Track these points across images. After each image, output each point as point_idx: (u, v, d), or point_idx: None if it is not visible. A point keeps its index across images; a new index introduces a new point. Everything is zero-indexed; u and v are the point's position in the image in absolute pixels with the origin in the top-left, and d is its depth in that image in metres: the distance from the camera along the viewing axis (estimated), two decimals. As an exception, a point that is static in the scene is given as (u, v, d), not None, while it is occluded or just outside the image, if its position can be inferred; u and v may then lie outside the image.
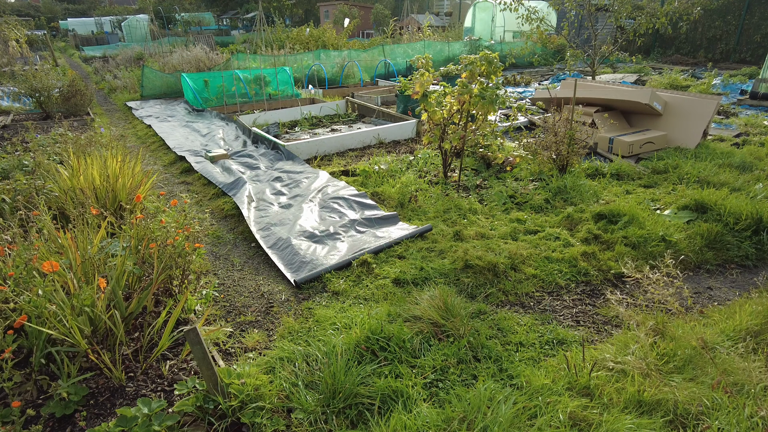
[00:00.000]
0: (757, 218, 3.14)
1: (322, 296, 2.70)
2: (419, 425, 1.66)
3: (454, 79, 5.72)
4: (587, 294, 2.68)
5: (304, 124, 7.08)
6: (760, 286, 2.69)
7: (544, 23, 8.56)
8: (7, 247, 2.25)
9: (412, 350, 2.12)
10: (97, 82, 12.86)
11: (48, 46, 17.08)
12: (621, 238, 3.08)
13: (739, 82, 9.06)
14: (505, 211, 3.69)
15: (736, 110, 7.02)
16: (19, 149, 4.68)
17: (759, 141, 5.26)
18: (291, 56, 11.21)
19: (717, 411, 1.66)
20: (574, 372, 1.89)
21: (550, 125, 4.25)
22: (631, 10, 8.06)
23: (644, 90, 5.31)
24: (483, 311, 2.46)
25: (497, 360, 2.09)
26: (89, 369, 2.06)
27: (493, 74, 3.88)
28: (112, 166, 3.34)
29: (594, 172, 4.42)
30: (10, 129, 6.94)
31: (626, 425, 1.62)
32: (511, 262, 2.86)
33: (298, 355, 2.07)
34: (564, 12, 9.24)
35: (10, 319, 1.95)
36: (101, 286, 1.96)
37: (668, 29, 8.15)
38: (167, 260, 2.38)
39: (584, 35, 10.13)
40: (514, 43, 15.07)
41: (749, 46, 12.13)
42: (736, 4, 12.22)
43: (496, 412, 1.65)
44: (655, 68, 11.76)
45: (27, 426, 1.79)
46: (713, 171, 4.17)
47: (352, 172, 4.70)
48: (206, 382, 1.81)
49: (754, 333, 2.11)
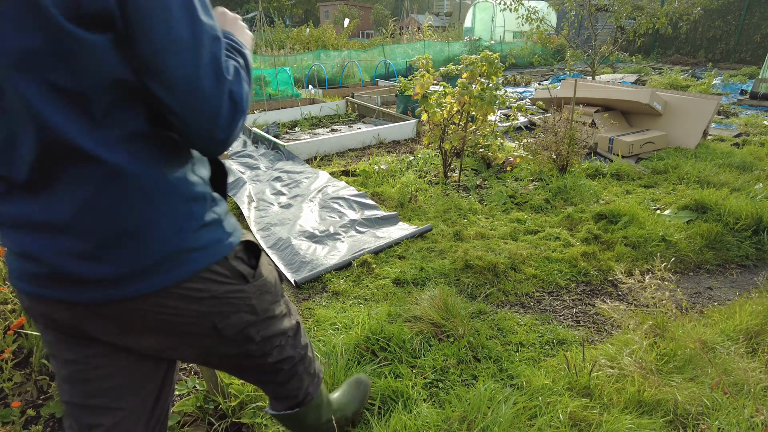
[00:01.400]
0: (757, 218, 3.14)
1: (322, 296, 2.70)
2: (419, 425, 1.66)
3: (454, 79, 5.73)
4: (587, 294, 2.68)
5: (304, 124, 7.08)
6: (760, 286, 2.69)
7: (544, 23, 8.57)
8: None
9: (412, 350, 2.12)
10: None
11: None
12: (621, 238, 3.08)
13: (739, 82, 9.06)
14: (505, 211, 3.69)
15: (736, 110, 7.02)
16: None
17: (759, 141, 5.26)
18: (291, 56, 11.22)
19: (717, 411, 1.66)
20: (574, 372, 1.89)
21: (550, 125, 4.25)
22: (631, 10, 8.06)
23: (644, 90, 5.32)
24: (483, 311, 2.46)
25: (497, 360, 2.09)
26: (89, 369, 2.06)
27: (494, 75, 3.88)
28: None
29: (594, 172, 4.42)
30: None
31: (626, 425, 1.62)
32: (511, 262, 2.86)
33: (298, 355, 2.07)
34: (564, 12, 9.25)
35: (9, 320, 1.95)
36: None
37: (668, 29, 8.15)
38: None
39: (584, 35, 10.14)
40: (514, 43, 15.08)
41: (749, 46, 12.14)
42: (736, 4, 12.22)
43: (496, 412, 1.65)
44: (655, 68, 11.76)
45: (27, 426, 1.79)
46: (713, 171, 4.17)
47: (352, 172, 4.70)
48: (206, 382, 1.81)
49: (754, 333, 2.12)
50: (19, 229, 0.83)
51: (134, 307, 0.87)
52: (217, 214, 0.94)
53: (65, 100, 0.73)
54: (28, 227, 0.82)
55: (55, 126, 0.73)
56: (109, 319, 0.88)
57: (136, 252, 0.84)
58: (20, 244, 0.84)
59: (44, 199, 0.79)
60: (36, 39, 0.68)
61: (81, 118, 0.75)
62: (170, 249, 0.86)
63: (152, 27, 0.70)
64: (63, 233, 0.81)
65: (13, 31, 0.68)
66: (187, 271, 0.88)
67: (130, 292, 0.85)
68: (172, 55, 0.72)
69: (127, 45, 0.72)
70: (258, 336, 1.05)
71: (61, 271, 0.83)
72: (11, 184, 0.80)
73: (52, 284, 0.85)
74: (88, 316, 0.88)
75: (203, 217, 0.90)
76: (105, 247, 0.82)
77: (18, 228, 0.83)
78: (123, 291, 0.85)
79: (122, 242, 0.83)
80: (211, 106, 0.77)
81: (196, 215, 0.89)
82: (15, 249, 0.86)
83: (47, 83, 0.72)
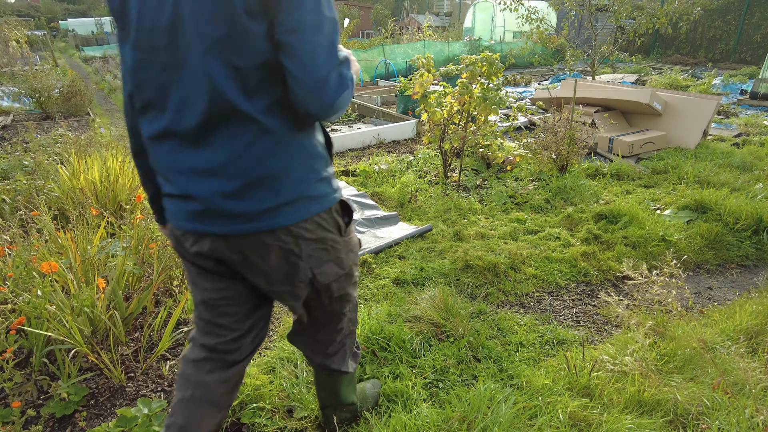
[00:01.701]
0: (757, 218, 3.14)
1: (322, 296, 2.70)
2: (419, 425, 1.66)
3: (454, 79, 5.72)
4: (587, 294, 2.68)
5: (304, 124, 7.09)
6: (760, 286, 2.69)
7: (544, 23, 8.56)
8: (7, 247, 2.25)
9: (412, 350, 2.12)
10: (97, 82, 12.87)
11: (48, 46, 17.08)
12: (621, 238, 3.08)
13: (739, 82, 9.06)
14: (505, 211, 3.69)
15: (736, 110, 7.02)
16: (19, 149, 4.68)
17: (759, 141, 5.26)
18: (291, 56, 11.19)
19: (717, 411, 1.66)
20: (574, 372, 1.89)
21: (550, 125, 4.25)
22: (631, 10, 8.06)
23: (644, 90, 5.32)
24: (483, 311, 2.46)
25: (497, 360, 2.09)
26: (89, 369, 2.06)
27: (494, 75, 3.88)
28: (112, 167, 3.34)
29: (594, 172, 4.42)
30: (10, 129, 6.94)
31: (626, 425, 1.62)
32: (511, 262, 2.86)
33: (299, 355, 2.07)
34: (564, 12, 9.24)
35: (9, 320, 1.95)
36: (101, 287, 1.97)
37: (668, 29, 8.16)
38: (167, 260, 2.38)
39: (584, 35, 10.13)
40: (514, 43, 15.08)
41: (749, 46, 12.13)
42: (736, 4, 12.22)
43: (496, 412, 1.65)
44: (655, 68, 11.76)
45: (27, 426, 1.79)
46: (713, 171, 4.17)
47: (352, 172, 4.70)
48: (206, 382, 1.81)
49: (754, 333, 2.12)
50: (183, 175, 1.10)
51: (261, 241, 1.12)
52: (329, 173, 1.20)
53: (234, 75, 0.99)
54: (191, 173, 1.09)
55: (227, 94, 1.00)
56: (241, 249, 1.14)
57: (271, 193, 1.09)
58: (184, 187, 1.11)
59: (205, 151, 1.06)
60: (223, 29, 0.95)
61: (243, 89, 1.01)
62: (296, 194, 1.11)
63: (290, 13, 0.94)
64: (217, 177, 1.07)
65: (210, 23, 0.95)
66: (304, 214, 1.13)
67: (262, 226, 1.10)
68: (301, 34, 0.96)
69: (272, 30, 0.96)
70: (336, 292, 1.31)
71: (213, 208, 1.09)
72: (181, 139, 1.07)
73: (204, 219, 1.11)
74: (226, 247, 1.14)
75: (320, 173, 1.16)
76: (248, 188, 1.07)
77: (183, 174, 1.10)
78: (257, 225, 1.10)
79: (262, 185, 1.08)
80: (323, 73, 0.99)
81: (315, 170, 1.14)
82: (178, 192, 1.13)
83: (226, 62, 0.98)
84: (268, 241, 1.12)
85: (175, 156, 1.09)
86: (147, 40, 1.02)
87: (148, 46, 1.02)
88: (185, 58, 0.99)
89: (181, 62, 1.00)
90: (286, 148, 1.08)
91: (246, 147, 1.05)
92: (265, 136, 1.05)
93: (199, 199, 1.09)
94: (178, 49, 0.99)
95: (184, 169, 1.09)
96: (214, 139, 1.05)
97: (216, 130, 1.04)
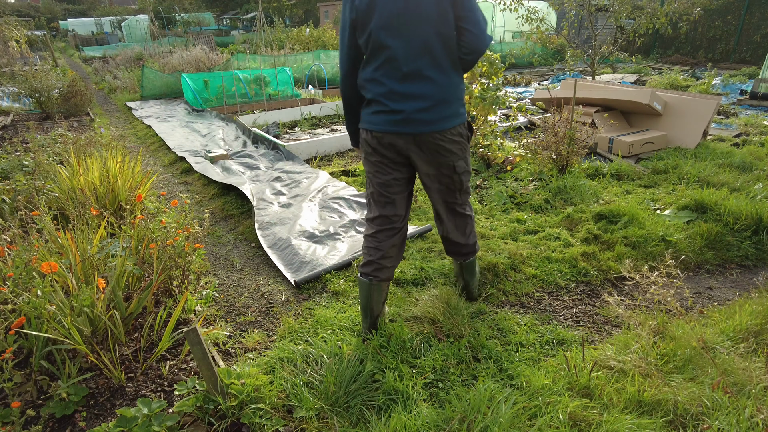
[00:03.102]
0: (757, 218, 3.14)
1: (322, 296, 2.70)
2: (419, 425, 1.66)
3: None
4: (587, 294, 2.68)
5: (304, 124, 7.08)
6: (760, 286, 2.69)
7: (543, 23, 8.56)
8: (7, 247, 2.25)
9: (412, 350, 2.12)
10: (97, 82, 12.87)
11: (48, 46, 17.08)
12: (621, 238, 3.08)
13: (739, 82, 9.06)
14: (505, 211, 3.69)
15: (736, 110, 7.02)
16: (19, 149, 4.68)
17: (759, 141, 5.26)
18: (291, 56, 11.22)
19: (717, 411, 1.66)
20: (574, 372, 1.89)
21: (550, 125, 4.25)
22: (631, 10, 8.07)
23: (644, 90, 5.31)
24: (483, 311, 2.46)
25: (497, 360, 2.09)
26: (89, 369, 2.06)
27: (494, 75, 3.88)
28: (112, 167, 3.34)
29: (594, 172, 4.42)
30: (10, 129, 6.94)
31: (626, 425, 1.62)
32: (511, 262, 2.86)
33: (299, 355, 2.07)
34: (564, 12, 9.24)
35: (9, 320, 1.95)
36: (101, 287, 1.96)
37: (668, 29, 8.16)
38: (167, 260, 2.38)
39: (584, 35, 10.14)
40: (514, 43, 15.08)
41: (749, 46, 12.13)
42: (736, 4, 12.22)
43: (496, 412, 1.65)
44: (655, 68, 11.76)
45: (27, 426, 1.79)
46: (713, 171, 4.17)
47: (352, 172, 4.70)
48: (206, 382, 1.81)
49: (754, 333, 2.11)
50: (397, 96, 1.91)
51: (431, 139, 1.96)
52: (463, 103, 2.06)
53: (440, 40, 1.85)
54: (403, 96, 1.91)
55: (436, 53, 1.87)
56: (418, 143, 1.97)
57: (444, 109, 1.94)
58: (394, 106, 1.92)
59: (414, 84, 1.90)
60: (436, 8, 1.80)
61: (444, 50, 1.88)
62: (454, 111, 1.98)
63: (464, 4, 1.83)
64: (417, 100, 1.90)
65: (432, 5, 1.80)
66: (455, 123, 1.99)
67: (435, 128, 1.94)
68: (472, 13, 1.85)
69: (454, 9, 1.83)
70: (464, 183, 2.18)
71: (410, 118, 1.91)
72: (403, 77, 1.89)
73: (402, 125, 1.93)
74: (410, 142, 1.97)
75: (462, 102, 2.04)
76: (434, 106, 1.92)
77: (398, 96, 1.91)
78: (432, 127, 1.94)
79: (442, 104, 1.94)
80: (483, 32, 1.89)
81: (461, 100, 2.03)
82: (388, 109, 1.93)
83: (437, 32, 1.84)
84: (433, 140, 1.95)
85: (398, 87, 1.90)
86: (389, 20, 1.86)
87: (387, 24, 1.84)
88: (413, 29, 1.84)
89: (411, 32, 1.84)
90: (456, 86, 1.97)
91: (437, 84, 1.90)
92: (450, 79, 1.93)
93: (403, 113, 1.91)
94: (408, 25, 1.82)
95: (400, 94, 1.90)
96: (421, 80, 1.89)
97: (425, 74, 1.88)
